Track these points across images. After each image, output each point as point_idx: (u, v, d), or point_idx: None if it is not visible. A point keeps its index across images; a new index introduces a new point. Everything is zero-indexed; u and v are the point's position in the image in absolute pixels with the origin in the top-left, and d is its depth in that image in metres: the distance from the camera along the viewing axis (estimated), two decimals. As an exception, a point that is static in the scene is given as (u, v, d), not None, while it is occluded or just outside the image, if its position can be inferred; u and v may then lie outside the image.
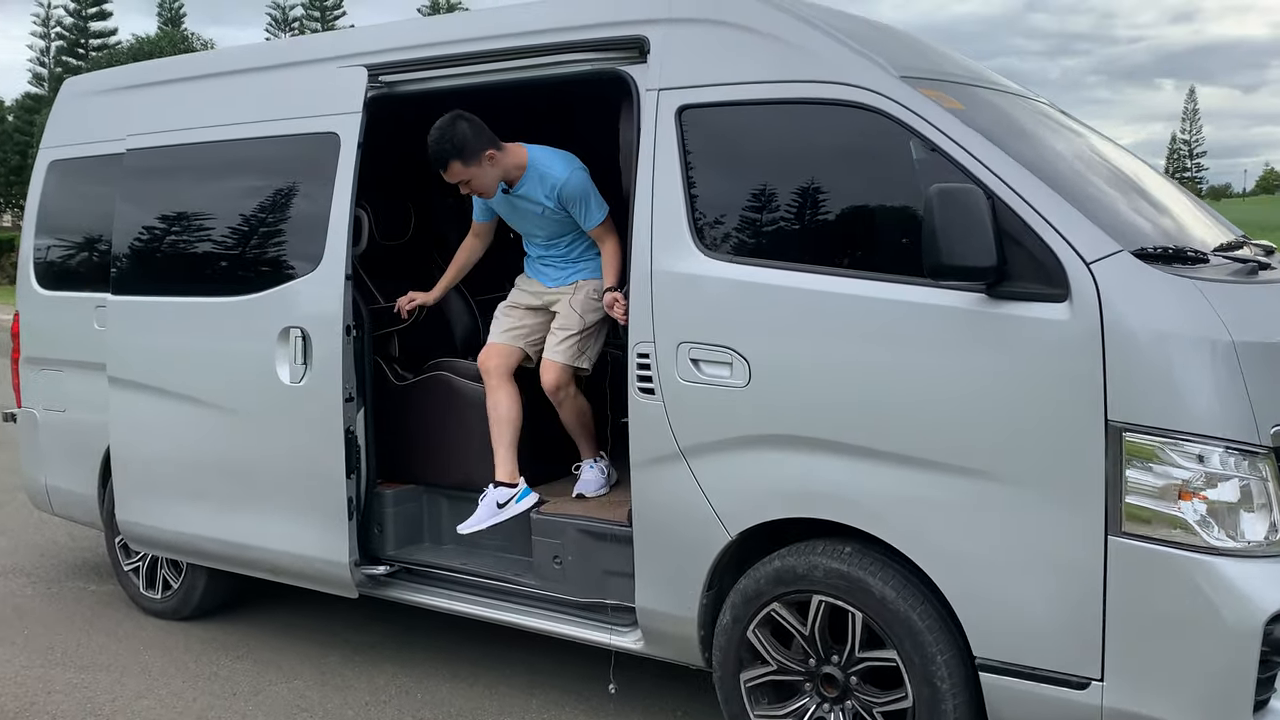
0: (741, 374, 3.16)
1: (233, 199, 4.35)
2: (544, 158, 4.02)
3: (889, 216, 3.03)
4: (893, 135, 2.96)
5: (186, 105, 4.51)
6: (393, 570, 4.21)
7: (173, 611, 4.96)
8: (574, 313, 4.06)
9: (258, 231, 4.27)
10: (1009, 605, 2.81)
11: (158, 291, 4.55)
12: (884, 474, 2.95)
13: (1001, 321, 2.76)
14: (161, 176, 4.57)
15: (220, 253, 4.39)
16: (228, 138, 4.33)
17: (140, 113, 4.70)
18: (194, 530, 4.50)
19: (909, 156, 2.92)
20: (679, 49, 3.35)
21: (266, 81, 4.31)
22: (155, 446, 4.57)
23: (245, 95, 4.32)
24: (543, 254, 4.22)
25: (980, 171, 2.81)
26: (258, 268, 4.26)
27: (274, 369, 4.12)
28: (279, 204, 4.23)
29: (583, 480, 4.13)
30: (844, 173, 3.10)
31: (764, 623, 3.22)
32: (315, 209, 4.08)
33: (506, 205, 4.15)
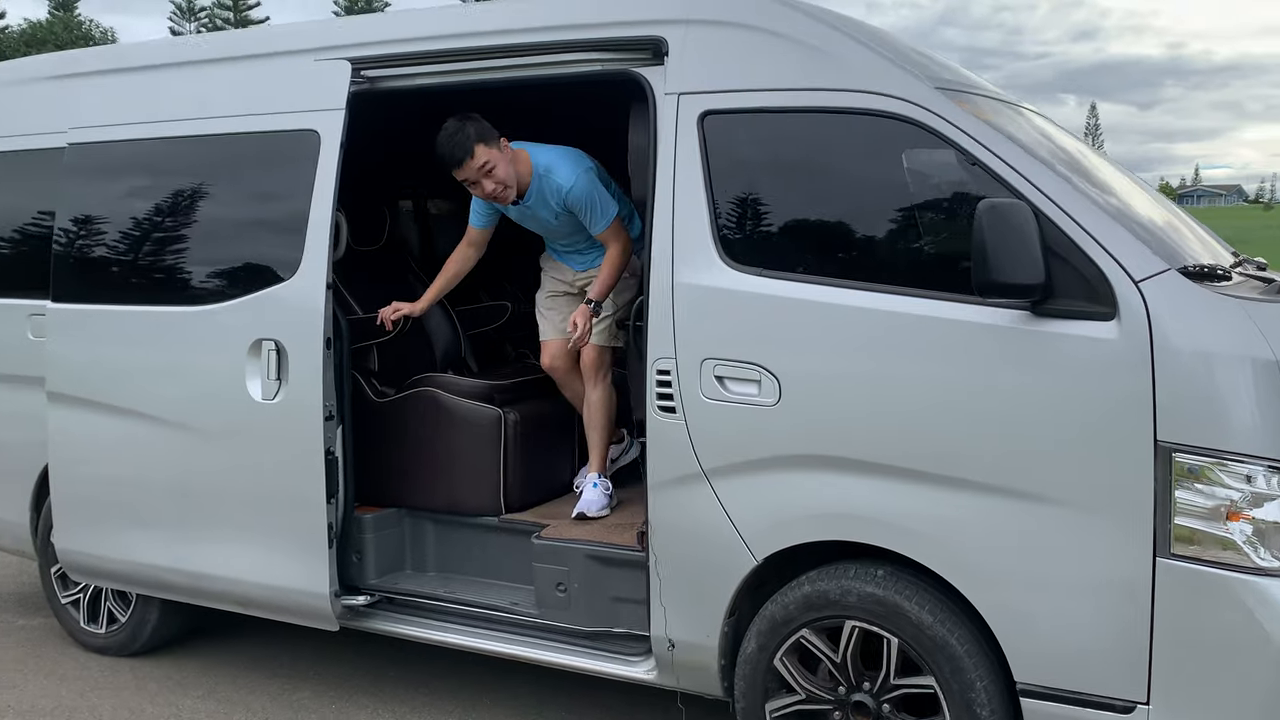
0: (771, 392, 3.21)
1: (196, 200, 4.24)
2: (548, 162, 4.02)
3: (925, 231, 3.11)
4: (930, 147, 3.04)
5: (142, 97, 4.38)
6: (373, 600, 4.16)
7: (119, 647, 4.81)
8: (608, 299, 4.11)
9: (225, 236, 4.17)
10: (1053, 629, 2.91)
11: (107, 299, 4.40)
12: (922, 495, 3.03)
13: (1046, 340, 2.86)
14: (112, 174, 4.42)
15: (181, 259, 4.27)
16: (191, 133, 4.22)
17: (86, 104, 4.55)
18: (148, 560, 4.38)
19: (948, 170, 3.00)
20: (701, 52, 3.38)
21: (236, 73, 4.21)
22: (102, 468, 4.43)
23: (212, 88, 4.21)
24: (565, 246, 4.31)
25: (1024, 186, 2.90)
26: (225, 275, 4.16)
27: (244, 384, 4.03)
28: (249, 206, 4.14)
29: (584, 500, 4.13)
30: (878, 186, 3.17)
31: (791, 650, 3.27)
32: (291, 212, 4.00)
33: (519, 214, 4.17)
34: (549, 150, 4.09)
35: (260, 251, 4.08)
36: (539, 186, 4.05)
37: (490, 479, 4.18)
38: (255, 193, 4.12)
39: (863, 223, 3.21)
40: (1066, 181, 2.94)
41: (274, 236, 4.06)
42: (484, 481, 4.18)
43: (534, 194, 4.07)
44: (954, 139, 2.99)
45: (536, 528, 4.05)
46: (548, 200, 4.07)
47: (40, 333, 4.70)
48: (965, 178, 2.99)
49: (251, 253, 4.11)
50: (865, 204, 3.19)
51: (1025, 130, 3.35)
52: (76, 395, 4.45)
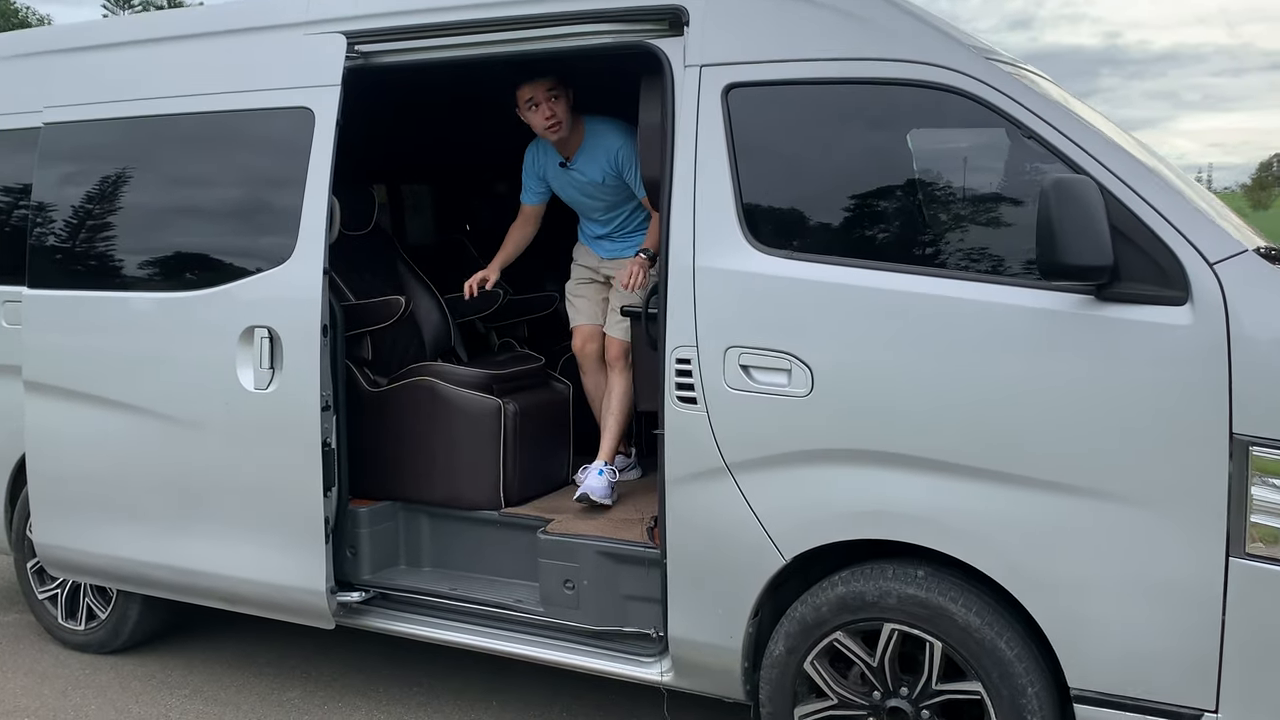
0: (802, 382, 2.75)
1: (183, 182, 3.69)
2: (603, 127, 3.80)
3: (975, 210, 2.68)
4: (983, 121, 2.60)
5: (123, 74, 3.81)
6: (368, 597, 3.65)
7: (99, 644, 4.25)
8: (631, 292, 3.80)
9: (213, 218, 3.63)
10: (1112, 633, 2.50)
11: (88, 285, 3.84)
12: (970, 491, 2.60)
13: (1110, 326, 2.44)
14: (93, 154, 3.86)
15: (167, 243, 3.71)
16: (176, 111, 3.67)
17: (63, 81, 3.97)
18: (132, 555, 3.82)
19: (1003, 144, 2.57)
20: (724, 22, 2.91)
21: (223, 48, 3.66)
22: (84, 460, 3.87)
23: (198, 63, 3.66)
24: (599, 231, 4.00)
25: (1087, 162, 2.48)
26: (213, 260, 3.62)
27: (235, 374, 3.50)
28: (239, 188, 3.60)
29: (589, 483, 3.63)
30: (924, 162, 2.73)
31: (823, 653, 2.83)
32: (284, 193, 3.48)
33: (565, 180, 3.90)
34: (599, 117, 3.84)
35: (251, 235, 3.55)
36: (590, 146, 3.80)
37: (489, 472, 3.69)
38: (245, 173, 3.58)
39: (906, 202, 2.76)
40: (1132, 157, 2.51)
41: (266, 219, 3.53)
42: (483, 474, 3.69)
43: (582, 155, 3.82)
44: (1010, 112, 2.56)
45: (539, 522, 3.57)
46: (598, 160, 3.79)
47: (15, 319, 4.13)
48: (1022, 153, 2.56)
49: (242, 236, 3.57)
50: (909, 181, 2.74)
51: (1078, 106, 2.92)
52: (56, 385, 3.89)
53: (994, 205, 2.66)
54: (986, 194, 2.67)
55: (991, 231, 2.65)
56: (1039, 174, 2.55)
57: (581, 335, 4.04)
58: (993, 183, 2.66)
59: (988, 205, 2.67)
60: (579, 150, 3.83)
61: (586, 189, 3.88)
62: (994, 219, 2.65)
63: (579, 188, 3.91)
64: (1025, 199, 2.60)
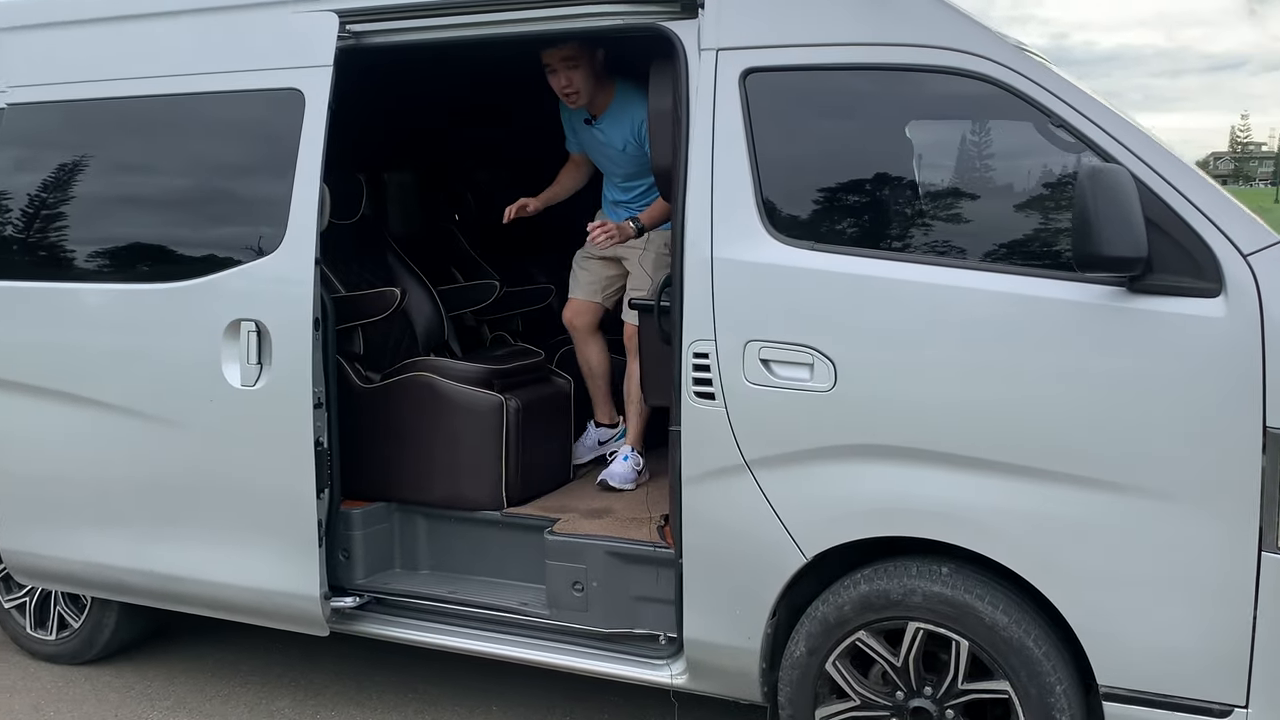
0: (825, 376, 2.74)
1: (161, 167, 3.57)
2: (630, 94, 3.81)
3: (1004, 200, 2.68)
4: (1011, 109, 2.60)
5: (93, 52, 3.67)
6: (363, 602, 3.59)
7: (72, 655, 4.12)
8: (645, 274, 3.85)
9: (195, 206, 3.52)
10: (1142, 629, 2.52)
11: (54, 276, 3.71)
12: (997, 487, 2.61)
13: (1143, 319, 2.46)
14: (61, 138, 3.72)
15: (144, 232, 3.60)
16: (155, 92, 3.54)
17: (25, 60, 3.82)
18: (108, 561, 3.72)
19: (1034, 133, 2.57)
20: (743, 4, 2.87)
21: (204, 26, 3.52)
22: (55, 462, 3.75)
23: (177, 42, 3.53)
24: (619, 197, 4.02)
25: (1119, 152, 2.49)
26: (195, 249, 3.51)
27: (219, 370, 3.41)
28: (222, 173, 3.50)
29: (611, 469, 3.72)
30: (951, 150, 2.73)
31: (845, 653, 2.83)
32: (271, 180, 3.37)
33: (590, 138, 3.95)
34: (635, 86, 3.82)
35: (236, 223, 3.45)
36: (616, 111, 3.84)
37: (491, 471, 3.63)
38: (229, 158, 3.49)
39: (932, 191, 2.76)
40: (1163, 147, 2.52)
41: (252, 207, 3.43)
42: (484, 473, 3.63)
43: (608, 117, 3.87)
44: (1040, 100, 2.55)
45: (543, 522, 3.52)
46: (621, 127, 3.83)
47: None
48: (1052, 142, 2.56)
49: (226, 225, 3.47)
50: (936, 170, 2.74)
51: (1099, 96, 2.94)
52: (22, 381, 3.76)
53: (1021, 195, 2.66)
54: (1013, 184, 2.67)
55: (1019, 222, 2.65)
56: (1069, 163, 2.56)
57: (572, 308, 4.12)
58: (1020, 172, 2.66)
59: (1014, 195, 2.67)
60: (605, 112, 3.86)
61: (607, 152, 3.91)
62: (1021, 209, 2.65)
63: (600, 149, 3.95)
64: (1054, 189, 2.61)
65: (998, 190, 2.68)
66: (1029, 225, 2.64)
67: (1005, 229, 2.67)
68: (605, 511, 3.58)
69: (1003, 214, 2.68)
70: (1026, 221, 2.64)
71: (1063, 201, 2.60)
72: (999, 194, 2.68)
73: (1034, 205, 2.65)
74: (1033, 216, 2.64)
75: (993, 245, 2.66)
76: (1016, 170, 2.67)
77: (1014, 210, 2.67)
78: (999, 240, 2.66)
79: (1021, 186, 2.66)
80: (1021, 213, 2.66)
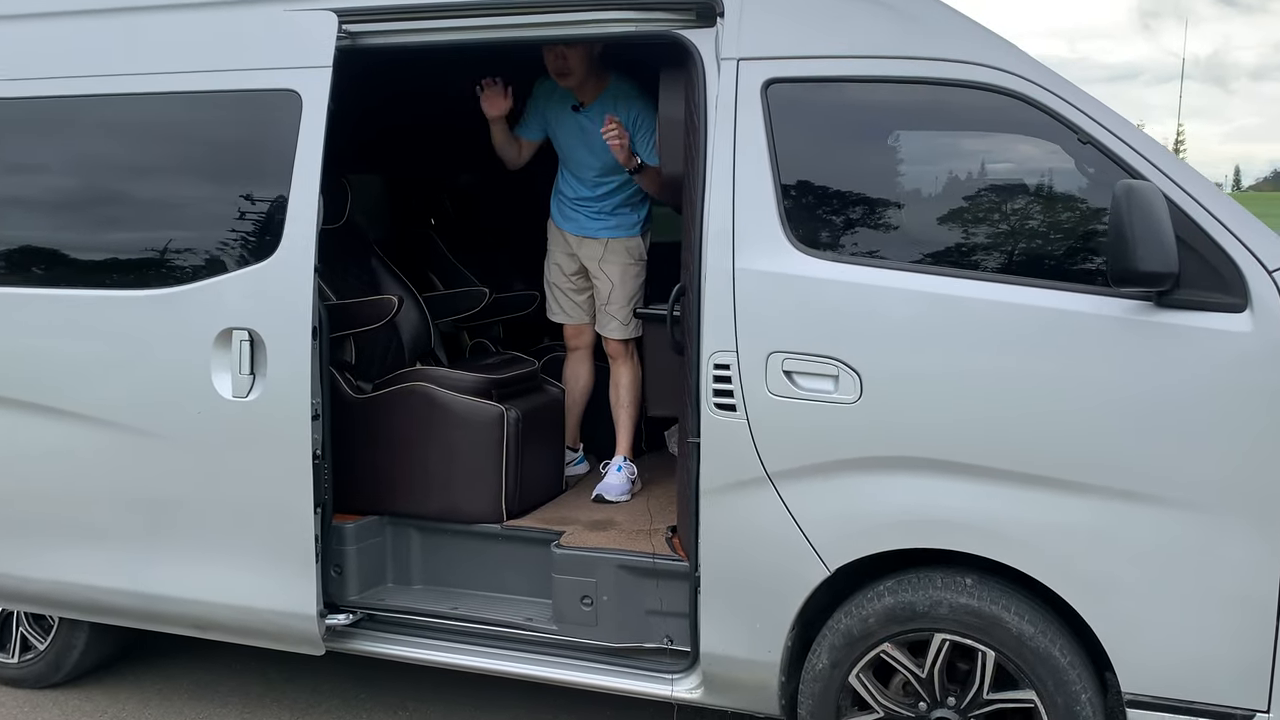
0: (850, 388, 2.74)
1: (146, 169, 3.42)
2: (624, 86, 3.82)
3: (1030, 215, 2.71)
4: (1037, 124, 2.63)
5: (74, 48, 3.48)
6: (357, 619, 3.48)
7: (37, 678, 3.92)
8: (609, 280, 3.94)
9: (183, 210, 3.37)
10: (1168, 637, 2.57)
11: (30, 282, 3.52)
12: (1024, 498, 2.63)
13: (1169, 332, 2.50)
14: (35, 135, 3.53)
15: (126, 235, 3.44)
16: (141, 90, 3.38)
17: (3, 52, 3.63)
18: (84, 580, 3.54)
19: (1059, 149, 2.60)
20: (763, 14, 2.86)
21: (192, 22, 3.38)
22: (24, 477, 3.56)
23: (166, 39, 3.38)
24: (582, 195, 3.95)
25: (1146, 168, 2.53)
26: (183, 255, 3.37)
27: (209, 380, 3.27)
28: (212, 176, 3.35)
29: (605, 483, 3.70)
30: (976, 164, 2.74)
31: (868, 665, 2.83)
32: (265, 183, 3.26)
33: (572, 125, 3.86)
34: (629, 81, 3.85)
35: (227, 228, 3.32)
36: (608, 99, 3.80)
37: (491, 483, 3.55)
38: (220, 161, 3.35)
39: (958, 204, 2.77)
40: (1186, 164, 2.58)
41: (244, 211, 3.30)
42: (484, 486, 3.55)
43: (599, 106, 3.80)
44: (1067, 116, 2.59)
45: (545, 534, 3.46)
46: (614, 108, 3.74)
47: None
48: (1078, 158, 2.59)
49: (216, 229, 3.34)
50: (961, 184, 2.76)
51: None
52: (-13, 392, 3.56)
53: (1046, 209, 2.70)
54: (1038, 198, 2.70)
55: (1045, 236, 2.68)
56: (1095, 179, 2.60)
57: (571, 330, 4.16)
58: (1045, 186, 2.69)
59: (1039, 209, 2.70)
60: (597, 99, 3.81)
61: (592, 139, 3.82)
62: (1046, 223, 2.69)
63: (581, 138, 3.88)
64: (1081, 204, 2.64)
65: (1022, 204, 2.71)
66: (1055, 239, 2.67)
67: (1031, 242, 2.70)
68: (608, 523, 3.53)
69: (1028, 228, 2.71)
70: (1053, 235, 2.68)
71: (1088, 216, 2.64)
72: (1023, 208, 2.71)
73: (1060, 219, 2.68)
74: (1059, 230, 2.67)
75: (1018, 258, 2.69)
76: (1041, 184, 2.70)
77: (1040, 224, 2.70)
78: (1025, 253, 2.69)
79: (1046, 201, 2.70)
80: (1047, 226, 2.69)
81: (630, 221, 3.97)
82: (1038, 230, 2.70)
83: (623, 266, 3.95)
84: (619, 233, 3.94)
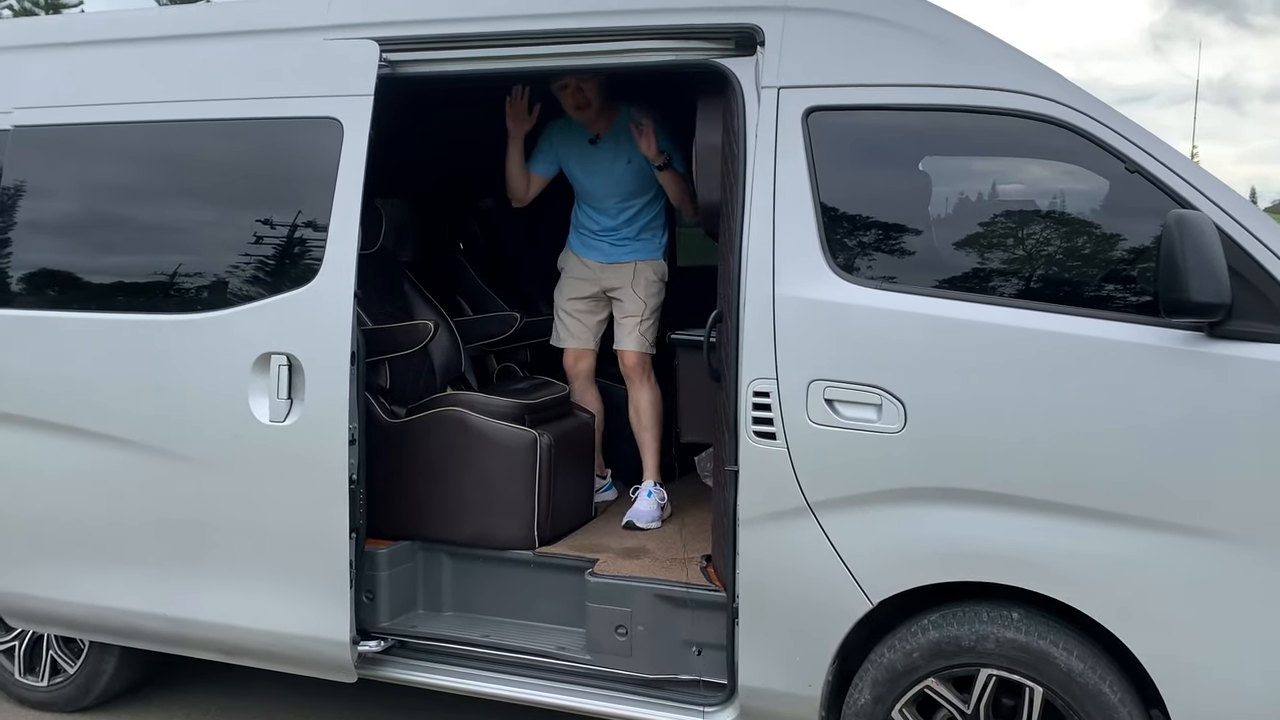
0: (894, 417, 2.70)
1: (186, 194, 3.43)
2: (633, 109, 3.88)
3: (1075, 243, 2.67)
4: (1082, 152, 2.60)
5: (111, 75, 3.52)
6: (388, 645, 3.44)
7: (66, 702, 3.90)
8: (638, 299, 3.96)
9: (224, 235, 3.37)
10: (1221, 675, 2.50)
11: (66, 305, 3.53)
12: (1072, 531, 2.58)
13: (1221, 363, 2.46)
14: (76, 161, 3.55)
15: (165, 260, 3.44)
16: (181, 117, 3.41)
17: (38, 81, 3.65)
18: (116, 604, 3.52)
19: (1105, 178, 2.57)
20: (804, 43, 2.85)
21: (234, 50, 3.42)
22: (58, 500, 3.55)
23: (202, 66, 3.40)
24: (606, 225, 4.00)
25: (1195, 198, 2.50)
26: (221, 280, 3.36)
27: (247, 405, 3.26)
28: (253, 203, 3.36)
29: (635, 509, 3.68)
30: (1020, 192, 2.72)
31: (912, 700, 2.77)
32: (305, 209, 3.27)
33: (591, 159, 3.91)
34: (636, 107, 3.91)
35: (267, 254, 3.32)
36: (623, 127, 3.87)
37: (523, 508, 3.52)
38: (262, 187, 3.35)
39: (1002, 231, 2.74)
40: (1234, 192, 2.54)
41: (285, 237, 3.31)
42: (516, 511, 3.52)
43: (611, 136, 3.89)
44: (1113, 144, 2.56)
45: (578, 562, 3.42)
46: (628, 134, 3.82)
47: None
48: (1125, 186, 2.56)
49: (257, 255, 3.34)
50: (1003, 211, 2.73)
51: None
52: (22, 415, 3.56)
53: (1095, 238, 2.66)
54: (1087, 226, 2.67)
55: (1092, 265, 2.64)
56: (1141, 207, 2.57)
57: (573, 355, 4.17)
58: (1090, 215, 2.66)
59: (1085, 238, 2.67)
60: (610, 129, 3.89)
61: (612, 170, 3.90)
62: (1093, 252, 2.65)
63: (603, 167, 3.92)
64: (1129, 233, 2.61)
65: (1069, 232, 2.67)
66: (1104, 268, 2.63)
67: (1078, 271, 2.66)
68: (641, 551, 3.49)
69: (1075, 256, 2.67)
70: (1101, 264, 2.64)
71: (1136, 245, 2.60)
72: (1070, 236, 2.67)
73: (1107, 248, 2.65)
74: (1108, 259, 2.64)
75: (1064, 287, 2.65)
76: (1087, 212, 2.67)
77: (1088, 252, 2.66)
78: (1072, 282, 2.65)
79: (1094, 229, 2.66)
80: (1095, 255, 2.65)
81: (654, 246, 4.05)
82: (1086, 258, 2.66)
83: (646, 284, 4.02)
84: (644, 255, 4.01)
